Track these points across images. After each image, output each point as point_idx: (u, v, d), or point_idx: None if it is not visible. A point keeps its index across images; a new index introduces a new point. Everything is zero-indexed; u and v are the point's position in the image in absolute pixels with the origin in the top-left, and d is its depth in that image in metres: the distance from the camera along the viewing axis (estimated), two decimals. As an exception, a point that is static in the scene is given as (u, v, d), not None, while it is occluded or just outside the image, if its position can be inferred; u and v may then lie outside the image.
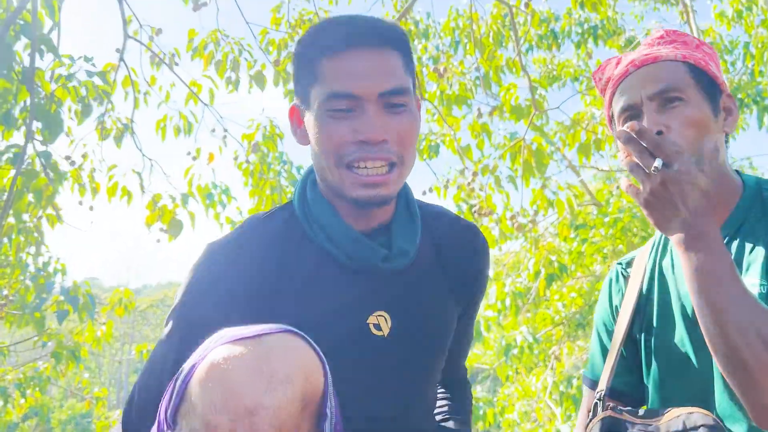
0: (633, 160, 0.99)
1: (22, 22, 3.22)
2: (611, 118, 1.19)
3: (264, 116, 4.68)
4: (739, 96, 5.61)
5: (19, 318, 4.86)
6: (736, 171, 1.15)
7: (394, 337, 1.06)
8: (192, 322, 0.99)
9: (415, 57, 1.10)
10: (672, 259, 1.17)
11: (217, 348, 0.78)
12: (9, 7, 3.16)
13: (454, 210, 2.49)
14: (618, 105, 1.14)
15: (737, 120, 1.14)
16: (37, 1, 3.15)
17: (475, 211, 4.27)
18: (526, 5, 4.03)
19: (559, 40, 5.94)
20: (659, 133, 1.04)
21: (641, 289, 1.20)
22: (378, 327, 1.05)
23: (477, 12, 4.44)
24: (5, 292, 4.61)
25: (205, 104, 4.38)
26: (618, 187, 6.05)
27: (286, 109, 1.16)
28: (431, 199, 4.60)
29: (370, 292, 1.06)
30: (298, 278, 1.04)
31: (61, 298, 4.67)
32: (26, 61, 3.25)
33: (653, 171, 0.96)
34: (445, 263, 1.15)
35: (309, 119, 1.04)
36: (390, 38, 1.03)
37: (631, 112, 1.11)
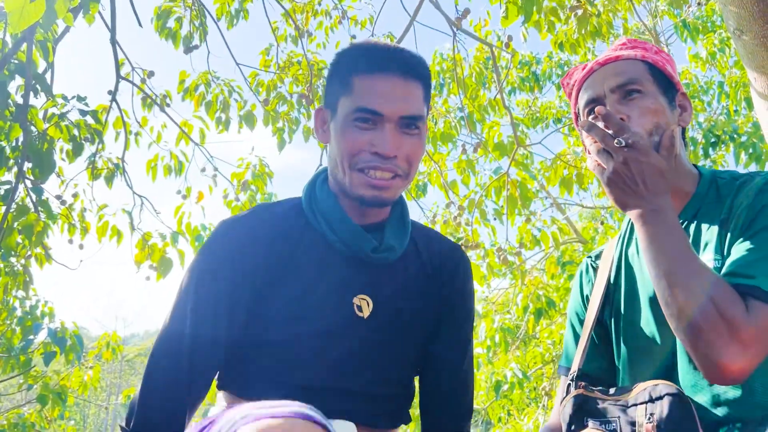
0: (598, 145, 1.07)
1: (16, 62, 3.31)
2: (577, 115, 1.27)
3: (254, 155, 4.76)
4: (717, 134, 5.77)
5: (4, 362, 4.82)
6: (694, 164, 1.23)
7: (373, 319, 1.18)
8: (207, 285, 1.11)
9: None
10: (637, 248, 1.24)
11: (244, 428, 0.85)
12: (4, 47, 3.25)
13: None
14: (583, 99, 1.23)
15: (691, 115, 1.23)
16: (31, 42, 3.23)
17: (461, 245, 4.33)
18: (507, 45, 4.18)
19: (540, 82, 6.13)
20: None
21: (609, 278, 1.27)
22: (360, 308, 1.18)
23: (460, 53, 4.59)
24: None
25: (196, 144, 4.44)
26: (603, 223, 6.15)
27: (275, 147, 1.30)
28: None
29: (358, 277, 1.19)
30: (299, 257, 1.18)
31: (48, 340, 4.64)
32: (19, 101, 3.31)
33: (616, 144, 1.04)
34: (427, 267, 1.28)
35: (335, 123, 1.19)
36: (416, 70, 1.18)
37: (595, 105, 1.20)
